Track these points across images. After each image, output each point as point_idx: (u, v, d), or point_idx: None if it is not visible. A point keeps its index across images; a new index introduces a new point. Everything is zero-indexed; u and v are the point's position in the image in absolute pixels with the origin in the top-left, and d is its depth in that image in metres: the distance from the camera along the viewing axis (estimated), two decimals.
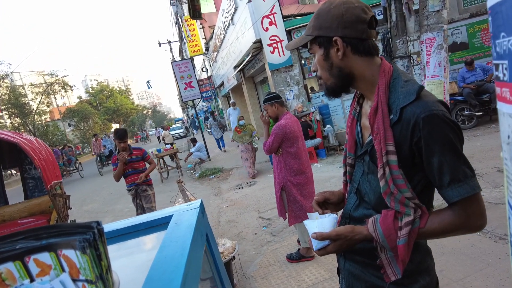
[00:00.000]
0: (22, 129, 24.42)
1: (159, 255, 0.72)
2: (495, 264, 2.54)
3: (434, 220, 0.92)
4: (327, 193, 1.20)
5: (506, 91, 0.42)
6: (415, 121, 0.88)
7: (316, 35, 1.00)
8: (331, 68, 1.01)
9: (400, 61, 4.53)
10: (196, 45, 18.78)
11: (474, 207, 0.87)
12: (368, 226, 0.97)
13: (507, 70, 0.42)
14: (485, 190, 3.78)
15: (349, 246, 0.99)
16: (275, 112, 3.22)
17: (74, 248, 0.49)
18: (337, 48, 0.97)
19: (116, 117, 44.14)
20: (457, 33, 8.09)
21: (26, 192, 4.35)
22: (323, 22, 0.98)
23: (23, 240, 0.52)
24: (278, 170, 3.19)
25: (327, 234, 0.97)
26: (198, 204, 1.02)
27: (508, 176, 0.48)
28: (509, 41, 0.40)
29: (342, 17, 0.95)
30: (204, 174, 9.11)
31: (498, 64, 0.44)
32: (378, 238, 0.94)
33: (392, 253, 0.95)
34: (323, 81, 1.06)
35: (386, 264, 0.98)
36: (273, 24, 8.57)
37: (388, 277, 0.98)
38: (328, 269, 3.03)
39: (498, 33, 0.42)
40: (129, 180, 4.24)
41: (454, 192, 0.86)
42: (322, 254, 1.02)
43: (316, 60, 1.04)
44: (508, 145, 0.44)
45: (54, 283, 0.50)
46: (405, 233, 0.91)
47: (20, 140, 3.76)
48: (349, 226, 1.00)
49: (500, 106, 0.45)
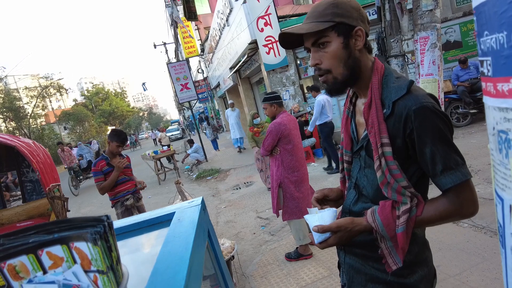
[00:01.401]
0: (17, 132, 24.26)
1: (164, 250, 0.75)
2: (491, 259, 2.58)
3: (429, 207, 0.96)
4: (326, 190, 1.23)
5: (490, 85, 0.45)
6: (407, 114, 0.92)
7: (338, 21, 0.97)
8: (348, 58, 1.00)
9: (395, 60, 4.58)
10: (192, 46, 18.78)
11: (466, 193, 0.91)
12: (367, 217, 1.00)
13: (491, 66, 0.45)
14: (480, 186, 3.83)
15: (350, 237, 1.02)
16: (273, 112, 3.27)
17: (86, 240, 0.52)
18: (356, 39, 0.99)
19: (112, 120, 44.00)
20: (451, 32, 8.17)
21: (24, 195, 4.35)
22: (344, 11, 0.97)
23: (36, 234, 0.55)
24: (275, 168, 3.23)
25: (328, 226, 1.00)
26: (199, 201, 1.04)
27: (494, 165, 0.51)
28: (492, 38, 0.43)
29: (360, 11, 0.99)
30: (202, 175, 9.12)
31: (483, 60, 0.47)
32: (378, 228, 0.97)
33: (391, 243, 0.98)
34: (332, 74, 1.01)
35: (387, 254, 1.00)
36: (268, 25, 8.60)
37: (390, 266, 1.01)
38: (326, 267, 3.06)
39: (482, 32, 0.46)
40: (122, 188, 3.59)
41: (447, 179, 0.90)
42: (324, 247, 1.04)
43: (330, 49, 0.99)
44: (493, 136, 0.47)
45: (67, 274, 0.52)
46: (403, 221, 0.95)
47: (18, 143, 3.76)
48: (349, 218, 1.03)
49: (485, 100, 0.49)
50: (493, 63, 0.44)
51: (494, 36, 0.42)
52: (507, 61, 0.41)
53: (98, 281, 0.52)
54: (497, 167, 0.49)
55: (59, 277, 0.52)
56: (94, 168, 3.47)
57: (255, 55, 9.97)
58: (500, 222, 0.51)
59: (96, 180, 3.48)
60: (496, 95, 0.44)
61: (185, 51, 18.71)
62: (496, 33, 0.42)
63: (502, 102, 0.43)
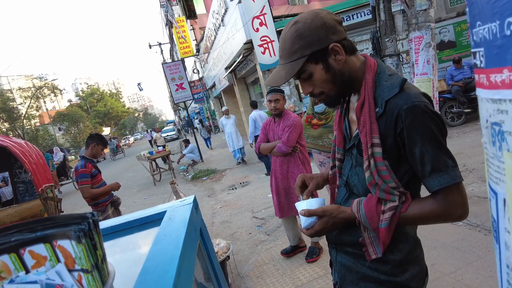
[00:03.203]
0: (11, 133, 24.06)
1: (154, 249, 0.73)
2: (485, 257, 2.59)
3: (415, 206, 0.95)
4: (305, 177, 1.26)
5: (483, 77, 0.45)
6: (398, 112, 0.91)
7: (310, 53, 0.96)
8: (335, 77, 0.99)
9: (390, 60, 4.59)
10: (187, 46, 18.73)
11: (455, 196, 0.89)
12: (353, 206, 1.02)
13: (483, 57, 0.44)
14: (474, 185, 3.85)
15: (334, 224, 1.04)
16: (283, 105, 3.03)
17: (70, 238, 0.50)
18: (335, 54, 0.96)
19: (107, 121, 43.80)
20: (445, 31, 8.23)
21: (17, 196, 4.30)
22: (310, 38, 0.95)
23: (18, 232, 0.53)
24: (295, 168, 3.06)
25: (314, 210, 1.03)
26: (191, 200, 1.03)
27: (487, 159, 0.50)
28: (484, 29, 0.42)
29: (326, 25, 0.95)
30: (197, 176, 9.09)
31: (476, 52, 0.46)
32: (361, 218, 0.99)
33: (374, 234, 0.99)
34: (326, 94, 1.03)
35: (368, 243, 1.01)
36: (264, 25, 8.61)
37: (369, 255, 1.02)
38: (322, 266, 3.06)
39: (474, 23, 0.45)
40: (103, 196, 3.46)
41: (435, 181, 0.89)
42: (310, 232, 1.05)
43: (314, 78, 1.00)
44: (486, 129, 0.47)
45: (50, 273, 0.50)
46: (387, 217, 0.95)
47: (10, 143, 3.72)
48: (335, 205, 1.06)
49: (478, 92, 0.48)
50: (486, 54, 0.43)
51: (487, 26, 0.41)
52: (500, 51, 0.40)
53: (83, 280, 0.51)
54: (491, 160, 0.48)
55: (42, 277, 0.50)
56: (83, 169, 3.25)
57: (251, 55, 9.96)
58: (494, 217, 0.50)
59: (83, 183, 3.24)
60: (489, 86, 0.43)
61: (180, 51, 18.66)
62: (488, 23, 0.41)
63: (495, 93, 0.42)
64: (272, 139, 3.16)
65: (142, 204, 7.51)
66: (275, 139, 3.13)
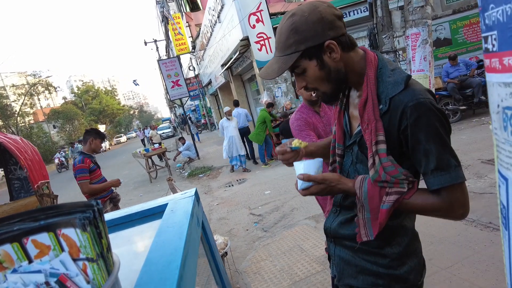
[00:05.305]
0: (5, 131, 23.82)
1: (157, 240, 0.72)
2: (481, 251, 2.61)
3: (418, 196, 0.94)
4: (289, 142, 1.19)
5: (495, 61, 0.44)
6: (402, 110, 0.89)
7: (304, 49, 0.93)
8: (329, 74, 0.97)
9: (386, 56, 4.60)
10: (183, 43, 18.61)
11: (457, 196, 0.89)
12: (356, 181, 0.99)
13: (496, 40, 0.43)
14: (470, 181, 3.88)
15: (330, 192, 1.03)
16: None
17: (74, 227, 0.49)
18: (330, 52, 0.94)
19: (102, 118, 43.54)
20: (441, 29, 8.26)
21: (12, 193, 4.25)
22: (305, 33, 0.92)
23: (21, 222, 0.52)
24: None
25: (314, 177, 1.00)
26: (193, 192, 1.02)
27: (497, 145, 0.49)
28: (498, 11, 0.42)
29: (323, 20, 0.91)
30: (194, 173, 9.06)
31: (487, 36, 0.46)
32: (361, 195, 0.97)
33: (370, 215, 0.97)
34: (321, 92, 1.01)
35: (361, 225, 1.00)
36: (260, 22, 8.59)
37: (361, 237, 1.01)
38: (320, 261, 3.06)
39: (487, 6, 0.44)
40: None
41: (436, 180, 0.88)
42: (306, 194, 1.04)
43: (308, 74, 0.98)
44: (497, 114, 0.46)
45: (54, 263, 0.49)
46: (391, 199, 0.93)
47: (5, 139, 3.67)
48: (337, 175, 1.03)
49: (489, 77, 0.47)
50: (499, 37, 0.42)
51: (501, 8, 0.41)
52: None
53: (88, 270, 0.50)
54: (501, 146, 0.47)
55: (45, 266, 0.49)
56: (82, 164, 3.24)
57: (247, 52, 9.93)
58: (503, 203, 0.50)
59: (82, 178, 3.23)
60: (502, 70, 0.43)
61: (176, 48, 18.55)
62: (503, 4, 0.40)
63: (508, 77, 0.42)
64: (324, 134, 2.57)
65: (139, 201, 7.47)
66: (327, 134, 2.55)
